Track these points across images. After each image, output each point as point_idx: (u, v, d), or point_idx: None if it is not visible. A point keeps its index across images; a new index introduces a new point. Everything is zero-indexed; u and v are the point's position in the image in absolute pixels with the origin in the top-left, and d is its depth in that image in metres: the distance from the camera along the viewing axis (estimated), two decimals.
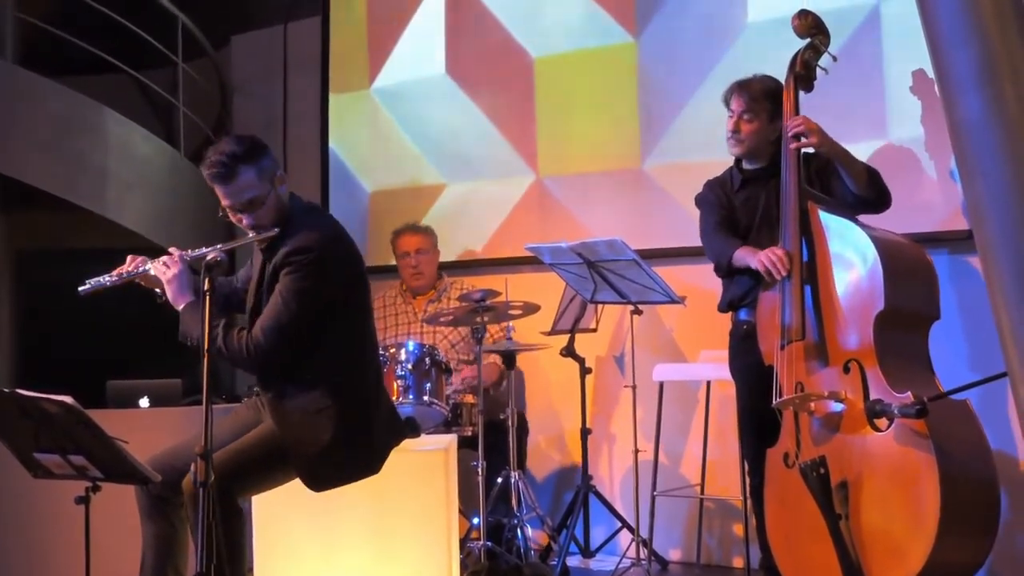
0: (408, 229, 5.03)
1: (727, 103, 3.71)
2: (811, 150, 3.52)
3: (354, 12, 5.87)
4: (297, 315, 2.98)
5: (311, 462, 2.98)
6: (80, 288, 3.09)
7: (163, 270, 3.06)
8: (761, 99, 3.64)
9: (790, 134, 3.44)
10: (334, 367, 3.05)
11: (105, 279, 3.10)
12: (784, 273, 3.33)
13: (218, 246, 3.02)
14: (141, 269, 3.11)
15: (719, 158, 3.91)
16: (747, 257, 3.50)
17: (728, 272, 3.64)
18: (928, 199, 4.11)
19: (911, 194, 4.03)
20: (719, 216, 3.71)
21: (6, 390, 2.73)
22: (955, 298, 3.99)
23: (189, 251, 3.11)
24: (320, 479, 3.02)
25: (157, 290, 3.14)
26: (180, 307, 3.05)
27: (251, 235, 3.10)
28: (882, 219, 3.55)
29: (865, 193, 3.48)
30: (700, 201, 3.82)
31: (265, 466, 2.98)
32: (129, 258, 3.17)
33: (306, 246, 3.01)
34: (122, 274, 3.11)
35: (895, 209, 3.59)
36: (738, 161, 3.77)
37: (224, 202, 3.08)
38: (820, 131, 3.43)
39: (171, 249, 3.12)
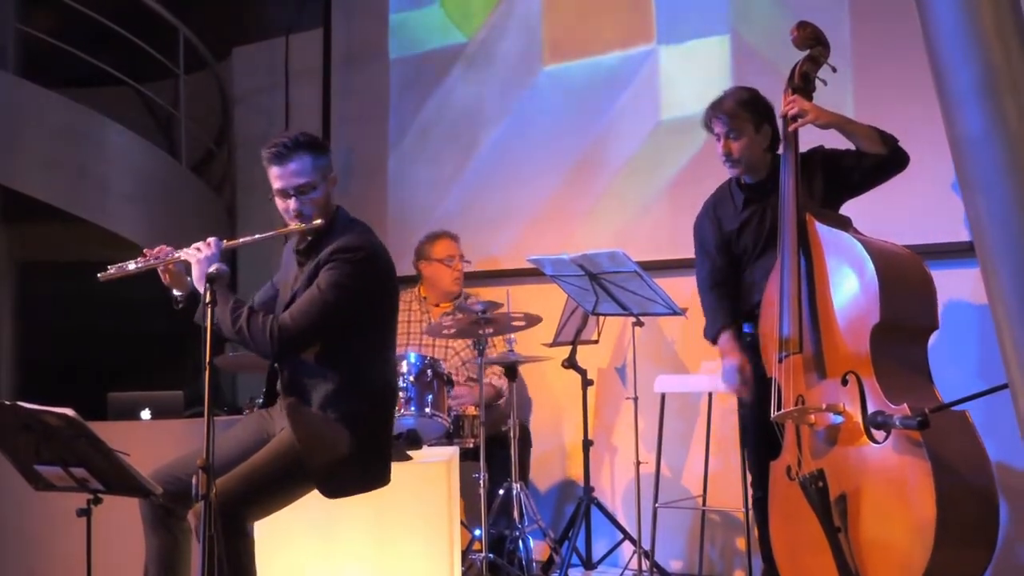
0: (445, 235, 4.99)
1: (709, 129, 3.65)
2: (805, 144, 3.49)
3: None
4: (332, 306, 2.98)
5: (328, 469, 2.96)
6: (100, 274, 3.02)
7: (194, 253, 3.01)
8: (739, 112, 3.57)
9: (787, 116, 3.42)
10: (357, 377, 3.04)
11: (130, 265, 3.03)
12: (744, 395, 3.56)
13: (256, 236, 2.99)
14: (170, 255, 3.05)
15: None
16: (727, 355, 3.61)
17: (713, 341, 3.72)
18: (933, 210, 4.11)
19: (915, 205, 4.03)
20: (710, 265, 3.71)
21: (7, 402, 2.72)
22: (957, 309, 3.98)
23: (226, 241, 3.07)
24: (335, 487, 3.00)
25: (176, 293, 3.10)
26: (201, 287, 2.98)
27: (293, 225, 3.07)
28: (886, 230, 3.54)
29: (879, 149, 3.39)
30: (695, 231, 3.81)
31: (278, 485, 2.94)
32: (158, 248, 3.10)
33: (357, 245, 3.03)
34: (148, 259, 3.04)
35: (899, 219, 3.57)
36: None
37: (275, 184, 3.07)
38: (815, 107, 3.39)
39: (209, 239, 3.06)
